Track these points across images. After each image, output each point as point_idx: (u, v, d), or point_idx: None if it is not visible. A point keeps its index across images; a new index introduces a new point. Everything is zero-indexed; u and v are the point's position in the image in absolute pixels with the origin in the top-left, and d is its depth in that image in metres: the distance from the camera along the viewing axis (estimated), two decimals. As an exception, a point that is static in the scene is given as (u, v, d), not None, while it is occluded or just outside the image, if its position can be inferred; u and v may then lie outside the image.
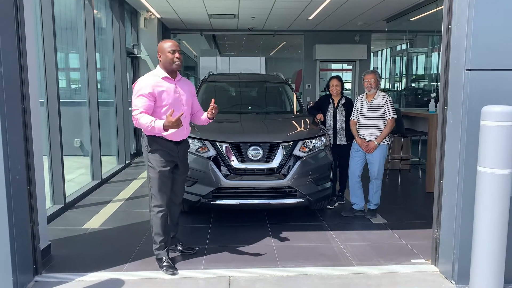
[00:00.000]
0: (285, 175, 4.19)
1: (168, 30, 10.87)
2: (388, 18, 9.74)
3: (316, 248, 3.83)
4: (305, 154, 4.30)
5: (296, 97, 5.95)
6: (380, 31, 11.09)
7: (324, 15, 9.34)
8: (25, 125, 3.03)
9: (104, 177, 6.34)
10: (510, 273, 2.89)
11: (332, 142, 4.89)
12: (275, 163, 4.21)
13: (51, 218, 4.46)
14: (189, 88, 3.45)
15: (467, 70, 2.91)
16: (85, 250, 3.78)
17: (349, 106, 4.92)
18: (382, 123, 4.50)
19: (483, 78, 2.91)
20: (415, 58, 10.39)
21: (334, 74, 6.11)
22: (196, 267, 3.41)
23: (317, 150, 4.40)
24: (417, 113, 6.94)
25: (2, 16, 2.78)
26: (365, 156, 4.62)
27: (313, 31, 11.51)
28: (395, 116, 4.52)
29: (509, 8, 2.88)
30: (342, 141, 4.94)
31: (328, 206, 5.00)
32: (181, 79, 3.40)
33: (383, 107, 4.49)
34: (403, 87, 10.74)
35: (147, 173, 3.36)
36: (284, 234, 4.14)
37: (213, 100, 3.38)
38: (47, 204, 4.09)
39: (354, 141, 4.71)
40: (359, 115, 4.63)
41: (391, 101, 4.54)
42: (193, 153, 4.17)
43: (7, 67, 2.80)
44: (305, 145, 4.35)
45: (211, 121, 3.52)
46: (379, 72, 11.33)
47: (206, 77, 6.14)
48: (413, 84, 10.46)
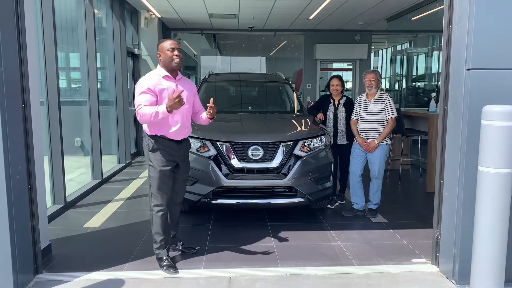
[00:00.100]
0: (285, 175, 4.19)
1: (168, 30, 10.87)
2: (389, 17, 9.74)
3: (317, 247, 3.83)
4: (305, 154, 4.30)
5: (297, 96, 5.95)
6: (380, 30, 11.08)
7: (324, 15, 9.34)
8: (25, 124, 3.03)
9: (104, 176, 6.35)
10: (511, 272, 2.89)
11: (332, 142, 4.89)
12: (275, 163, 4.21)
13: (52, 217, 4.46)
14: (190, 87, 3.45)
15: (467, 70, 2.91)
16: (85, 250, 3.78)
17: (349, 105, 4.92)
18: (383, 122, 4.50)
19: (484, 77, 2.90)
20: (415, 57, 10.38)
21: (335, 73, 6.09)
22: (196, 266, 3.41)
23: (317, 149, 4.40)
24: (417, 113, 6.93)
25: (3, 16, 2.78)
26: (365, 155, 4.61)
27: (314, 31, 11.51)
28: (396, 115, 4.52)
29: (509, 7, 2.87)
30: (342, 140, 4.94)
31: (329, 206, 5.00)
32: (181, 78, 3.40)
33: (383, 107, 4.49)
34: (403, 86, 10.73)
35: (147, 172, 3.36)
36: (284, 234, 4.14)
37: (211, 100, 3.38)
38: (47, 203, 4.10)
39: (354, 140, 4.71)
40: (360, 114, 4.63)
41: (392, 100, 4.54)
42: (194, 152, 4.16)
43: (7, 66, 2.80)
44: (305, 144, 4.35)
45: (211, 120, 3.52)
46: (380, 71, 11.30)
47: (207, 77, 6.14)
48: (413, 84, 10.45)
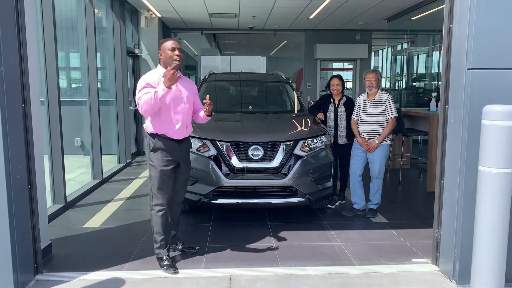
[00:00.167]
0: (285, 174, 4.19)
1: (168, 29, 10.87)
2: (389, 17, 9.73)
3: (317, 247, 3.82)
4: (305, 154, 4.30)
5: (297, 96, 5.94)
6: (381, 30, 11.07)
7: (324, 15, 9.33)
8: (25, 124, 3.03)
9: (104, 176, 6.35)
10: (511, 272, 2.89)
11: (332, 142, 4.89)
12: (275, 163, 4.20)
13: (52, 217, 4.46)
14: (190, 87, 3.45)
15: (468, 69, 2.91)
16: (85, 249, 3.78)
17: (350, 105, 4.92)
18: (383, 122, 4.50)
19: (484, 77, 2.90)
20: (416, 57, 10.37)
21: (335, 73, 6.08)
22: (196, 266, 3.41)
23: (317, 149, 4.39)
24: (418, 113, 6.93)
25: (3, 15, 2.77)
26: (366, 155, 4.61)
27: (314, 30, 11.50)
28: (396, 115, 4.52)
29: (510, 7, 2.87)
30: (342, 140, 4.94)
31: (329, 206, 5.00)
32: (182, 77, 3.40)
33: (384, 106, 4.49)
34: (404, 86, 10.73)
35: (148, 171, 3.36)
36: (284, 234, 4.14)
37: (207, 97, 3.38)
38: (47, 203, 4.10)
39: (355, 140, 4.71)
40: (360, 114, 4.62)
41: (392, 100, 4.54)
42: (194, 152, 4.15)
43: (7, 66, 2.80)
44: (305, 144, 4.34)
45: (210, 118, 3.51)
46: (380, 71, 11.30)
47: (207, 77, 6.14)
48: (414, 83, 10.44)
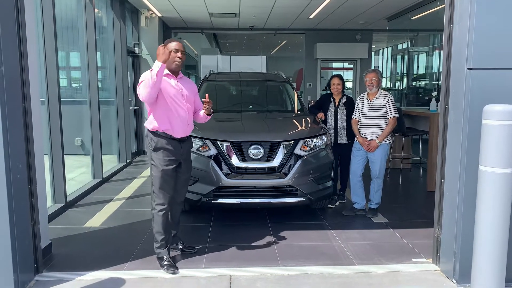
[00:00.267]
0: (286, 174, 4.19)
1: (169, 29, 10.86)
2: (389, 17, 9.72)
3: (317, 247, 3.82)
4: (306, 153, 4.30)
5: (297, 96, 5.94)
6: (381, 29, 11.06)
7: (325, 14, 9.33)
8: (26, 124, 3.03)
9: (105, 176, 6.35)
10: (512, 272, 2.89)
11: (333, 141, 4.88)
12: (276, 162, 4.20)
13: (52, 217, 4.46)
14: (190, 86, 3.46)
15: (468, 69, 2.90)
16: (86, 249, 3.78)
17: (350, 105, 4.91)
18: (384, 122, 4.49)
19: (485, 77, 2.90)
20: (416, 56, 10.37)
21: (335, 73, 6.08)
22: (197, 266, 3.41)
23: (318, 149, 4.39)
24: (418, 112, 6.92)
25: (3, 15, 2.77)
26: (366, 155, 4.61)
27: (314, 30, 11.49)
28: (397, 115, 4.51)
29: (510, 6, 2.87)
30: (343, 140, 4.94)
31: (329, 205, 5.00)
32: (182, 77, 3.42)
33: (384, 106, 4.48)
34: (404, 86, 10.72)
35: (150, 171, 3.36)
36: (285, 233, 4.14)
37: (207, 95, 3.38)
38: (48, 203, 4.10)
39: (355, 140, 4.71)
40: (361, 114, 4.62)
41: (393, 100, 4.53)
42: (194, 152, 4.15)
43: (8, 66, 2.80)
44: (306, 144, 4.34)
45: (210, 117, 3.51)
46: (381, 70, 11.30)
47: (207, 76, 6.13)
48: (414, 83, 10.44)
